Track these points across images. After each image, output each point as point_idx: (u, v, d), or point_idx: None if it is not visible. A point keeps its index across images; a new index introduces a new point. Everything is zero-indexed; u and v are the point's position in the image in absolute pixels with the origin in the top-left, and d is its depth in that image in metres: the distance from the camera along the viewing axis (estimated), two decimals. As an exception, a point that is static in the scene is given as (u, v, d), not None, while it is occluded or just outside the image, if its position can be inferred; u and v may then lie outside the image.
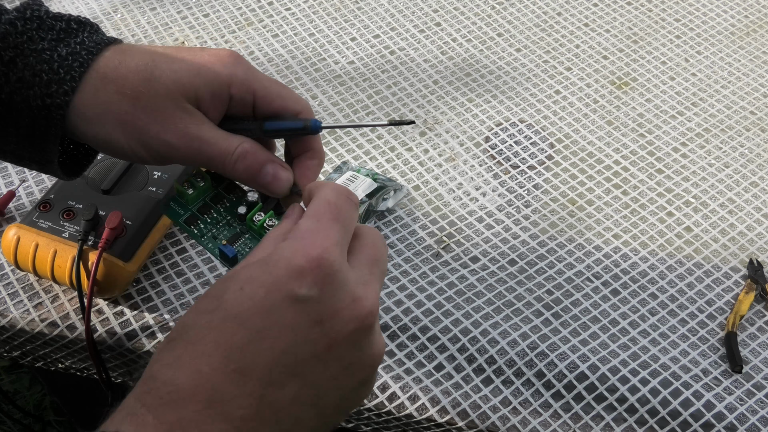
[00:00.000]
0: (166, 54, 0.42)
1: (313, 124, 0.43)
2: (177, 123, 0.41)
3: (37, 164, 0.43)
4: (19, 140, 0.42)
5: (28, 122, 0.40)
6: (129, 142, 0.41)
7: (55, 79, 0.40)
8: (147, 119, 0.40)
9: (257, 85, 0.42)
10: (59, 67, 0.40)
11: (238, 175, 0.42)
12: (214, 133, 0.42)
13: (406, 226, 0.68)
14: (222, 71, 0.41)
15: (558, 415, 0.56)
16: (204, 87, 0.41)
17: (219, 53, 0.42)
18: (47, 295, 0.62)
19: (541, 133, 0.76)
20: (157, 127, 0.41)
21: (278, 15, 0.88)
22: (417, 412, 0.56)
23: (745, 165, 0.74)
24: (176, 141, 0.41)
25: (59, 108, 0.40)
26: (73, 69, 0.40)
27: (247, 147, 0.42)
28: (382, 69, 0.82)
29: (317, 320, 0.34)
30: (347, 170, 0.69)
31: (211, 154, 0.41)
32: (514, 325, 0.61)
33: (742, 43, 0.86)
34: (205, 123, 0.42)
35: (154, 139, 0.41)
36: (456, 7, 0.90)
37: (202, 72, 0.41)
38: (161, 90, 0.40)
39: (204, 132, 0.41)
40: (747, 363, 0.59)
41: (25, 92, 0.40)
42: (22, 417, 1.23)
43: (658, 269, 0.65)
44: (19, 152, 0.43)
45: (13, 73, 0.40)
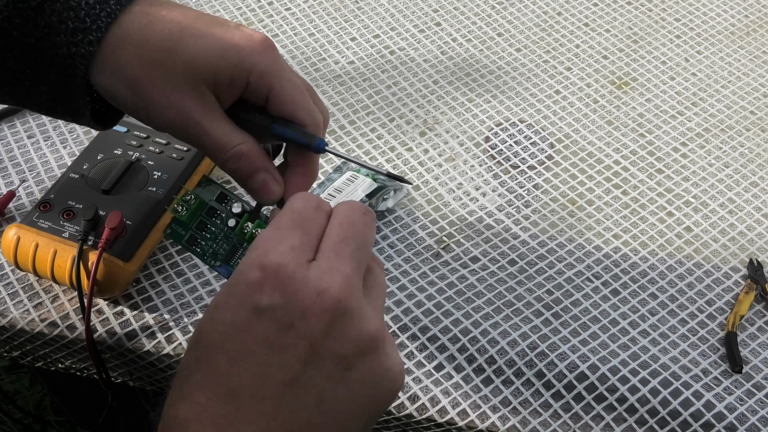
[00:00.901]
0: (195, 26, 0.40)
1: (317, 145, 0.41)
2: (184, 103, 0.40)
3: (70, 116, 0.43)
4: (50, 89, 0.41)
5: (56, 70, 0.40)
6: (135, 104, 0.41)
7: (81, 28, 0.38)
8: (157, 91, 0.40)
9: (276, 82, 0.40)
10: (86, 15, 0.39)
11: (228, 172, 0.42)
12: (216, 123, 0.41)
13: (406, 226, 0.68)
14: (247, 57, 0.40)
15: (558, 415, 0.56)
16: (225, 71, 0.40)
17: (252, 36, 0.41)
18: (47, 295, 0.62)
19: (541, 133, 0.76)
20: (165, 101, 0.40)
21: (278, 15, 0.88)
22: (417, 412, 0.56)
23: (745, 165, 0.74)
24: (178, 121, 0.40)
25: (83, 58, 0.39)
26: (100, 19, 0.39)
27: (244, 149, 0.41)
28: (382, 69, 0.82)
29: (287, 325, 0.33)
30: (347, 170, 0.69)
31: (206, 145, 0.41)
32: (514, 325, 0.61)
33: (742, 43, 0.86)
34: (212, 110, 0.41)
35: (158, 112, 0.40)
36: (456, 7, 0.90)
37: (228, 55, 0.40)
38: (180, 65, 0.39)
39: (207, 121, 0.40)
40: (747, 363, 0.59)
41: (53, 39, 0.39)
42: (22, 417, 1.23)
43: (658, 269, 0.65)
44: (52, 104, 0.42)
45: (41, 19, 0.38)
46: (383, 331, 0.35)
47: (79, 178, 0.63)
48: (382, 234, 0.67)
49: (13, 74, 0.41)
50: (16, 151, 0.72)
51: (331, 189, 0.67)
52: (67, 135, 0.73)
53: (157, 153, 0.65)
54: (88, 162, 0.64)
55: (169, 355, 0.59)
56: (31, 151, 0.72)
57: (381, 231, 0.67)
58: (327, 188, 0.67)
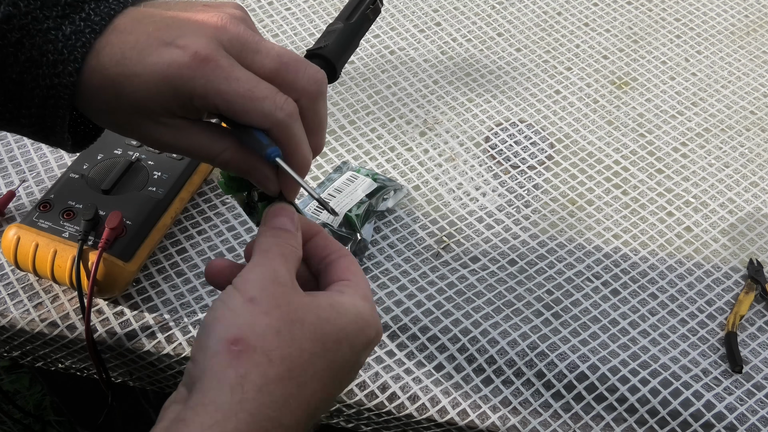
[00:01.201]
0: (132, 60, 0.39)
1: (267, 155, 0.40)
2: (153, 135, 0.41)
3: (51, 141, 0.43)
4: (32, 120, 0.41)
5: (39, 101, 0.40)
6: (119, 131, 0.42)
7: (61, 60, 0.39)
8: (127, 126, 0.41)
9: (218, 99, 0.38)
10: (63, 47, 0.39)
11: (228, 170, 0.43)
12: (194, 140, 0.41)
13: (406, 226, 0.68)
14: (180, 86, 0.38)
15: (558, 415, 0.56)
16: (169, 102, 0.39)
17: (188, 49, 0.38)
18: (47, 295, 0.62)
19: (541, 133, 0.76)
20: (137, 135, 0.41)
21: (278, 15, 0.88)
22: (417, 412, 0.56)
23: (745, 165, 0.74)
24: (159, 146, 0.42)
25: (66, 88, 0.39)
26: (76, 50, 0.39)
27: (227, 158, 0.41)
28: (382, 69, 0.82)
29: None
30: (347, 170, 0.69)
31: (197, 157, 0.42)
32: (514, 325, 0.61)
33: (742, 43, 0.86)
34: (182, 129, 0.40)
35: (140, 140, 0.42)
36: (456, 7, 0.90)
37: (162, 90, 0.39)
38: (130, 107, 0.40)
39: (182, 142, 0.41)
40: (747, 363, 0.59)
41: (34, 71, 0.39)
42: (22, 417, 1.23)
43: (658, 269, 0.65)
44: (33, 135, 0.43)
45: (21, 53, 0.39)
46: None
47: (79, 178, 0.63)
48: (382, 234, 0.67)
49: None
50: (16, 151, 0.72)
51: (331, 189, 0.67)
52: (67, 135, 0.73)
53: (157, 153, 0.65)
54: (88, 162, 0.64)
55: (169, 355, 0.59)
56: (31, 151, 0.72)
57: (381, 231, 0.67)
58: (327, 188, 0.67)
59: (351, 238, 0.64)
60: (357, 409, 0.57)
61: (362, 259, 0.64)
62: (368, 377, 0.57)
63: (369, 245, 0.66)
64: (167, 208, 0.63)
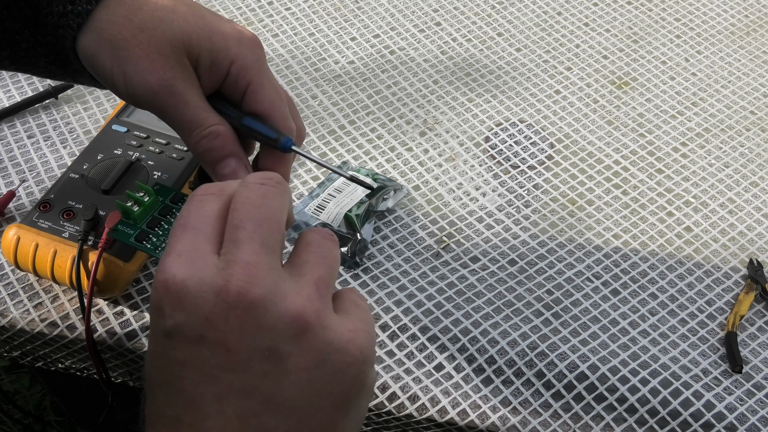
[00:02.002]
0: (189, 6, 0.40)
1: (284, 142, 0.40)
2: (166, 71, 0.39)
3: (71, 77, 0.42)
4: (48, 51, 0.40)
5: (51, 30, 0.39)
6: (113, 67, 0.39)
7: None
8: (140, 54, 0.39)
9: (256, 78, 0.40)
10: None
11: (199, 152, 0.40)
12: (195, 98, 0.40)
13: (406, 226, 0.68)
14: (233, 46, 0.39)
15: (558, 415, 0.56)
16: (208, 52, 0.39)
17: (243, 31, 0.40)
18: (47, 295, 0.62)
19: (541, 133, 0.76)
20: (147, 65, 0.39)
21: (278, 15, 0.88)
22: (417, 412, 0.56)
23: (745, 165, 0.74)
24: (157, 87, 0.39)
25: (78, 16, 0.38)
26: None
27: (221, 130, 0.40)
28: (382, 69, 0.82)
29: (197, 338, 0.31)
30: (347, 170, 0.69)
31: (183, 118, 0.40)
32: (514, 325, 0.61)
33: (742, 43, 0.86)
34: (193, 85, 0.40)
35: (137, 75, 0.39)
36: (456, 6, 0.90)
37: (214, 39, 0.39)
38: (168, 34, 0.39)
39: (187, 93, 0.39)
40: (747, 363, 0.59)
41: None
42: (22, 417, 1.23)
43: (658, 269, 0.65)
44: (51, 67, 0.42)
45: None
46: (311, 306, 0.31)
47: (79, 178, 0.63)
48: (382, 234, 0.67)
49: (11, 35, 0.40)
50: (16, 151, 0.72)
51: (331, 189, 0.67)
52: (67, 135, 0.73)
53: (157, 153, 0.65)
54: (88, 162, 0.64)
55: (169, 355, 0.59)
56: (31, 151, 0.72)
57: (381, 231, 0.67)
58: (327, 188, 0.67)
59: (351, 238, 0.64)
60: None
61: (362, 259, 0.64)
62: (368, 377, 0.57)
63: (369, 245, 0.66)
64: (167, 208, 0.63)
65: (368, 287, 0.63)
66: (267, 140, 0.41)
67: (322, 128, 0.75)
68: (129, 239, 0.43)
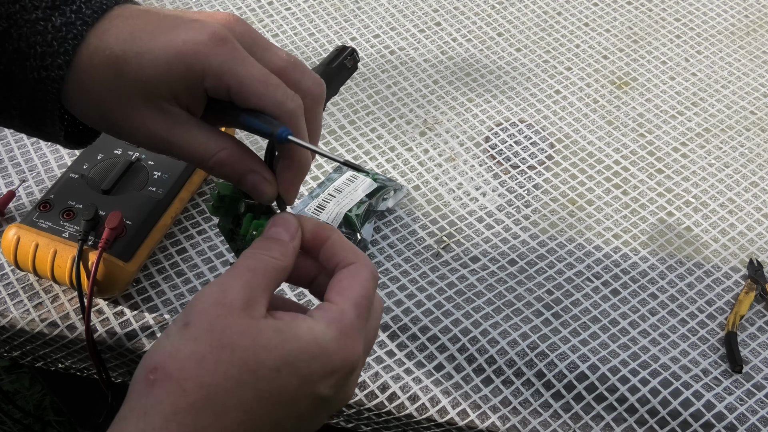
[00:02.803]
0: (140, 41, 0.38)
1: (279, 134, 0.39)
2: (147, 124, 0.38)
3: (43, 135, 0.42)
4: (21, 113, 0.40)
5: (27, 94, 0.39)
6: (108, 128, 0.40)
7: (50, 52, 0.38)
8: (119, 115, 0.39)
9: (233, 80, 0.38)
10: (53, 39, 0.38)
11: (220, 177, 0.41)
12: (188, 136, 0.39)
13: (406, 226, 0.68)
14: (195, 62, 0.37)
15: (558, 415, 0.56)
16: (177, 83, 0.38)
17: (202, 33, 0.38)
18: (47, 295, 0.62)
19: (541, 133, 0.76)
20: (128, 126, 0.39)
21: (278, 15, 0.88)
22: (417, 412, 0.56)
23: (745, 165, 0.74)
24: (146, 142, 0.39)
25: (54, 81, 0.38)
26: (67, 42, 0.38)
27: (224, 157, 0.39)
28: (382, 69, 0.82)
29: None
30: (347, 170, 0.69)
31: (185, 158, 0.40)
32: (514, 325, 0.61)
33: (742, 43, 0.86)
34: (179, 124, 0.39)
35: (129, 134, 0.39)
36: (456, 6, 0.90)
37: (173, 66, 0.37)
38: (132, 88, 0.38)
39: (175, 136, 0.39)
40: (747, 363, 0.59)
41: (22, 63, 0.38)
42: (22, 417, 1.23)
43: (658, 269, 0.65)
44: (24, 127, 0.41)
45: (8, 44, 0.38)
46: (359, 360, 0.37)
47: (79, 178, 0.63)
48: (382, 234, 0.67)
49: None
50: (16, 151, 0.72)
51: (331, 189, 0.67)
52: (67, 135, 0.73)
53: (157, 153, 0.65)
54: (88, 162, 0.64)
55: (169, 355, 0.59)
56: (31, 151, 0.72)
57: (381, 231, 0.67)
58: (327, 188, 0.67)
59: (351, 238, 0.64)
60: (357, 409, 0.57)
61: (362, 259, 0.64)
62: (368, 377, 0.57)
63: (369, 245, 0.66)
64: (167, 208, 0.63)
65: (368, 287, 0.63)
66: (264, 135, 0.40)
67: (322, 128, 0.75)
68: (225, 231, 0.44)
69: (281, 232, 0.39)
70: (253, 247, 0.38)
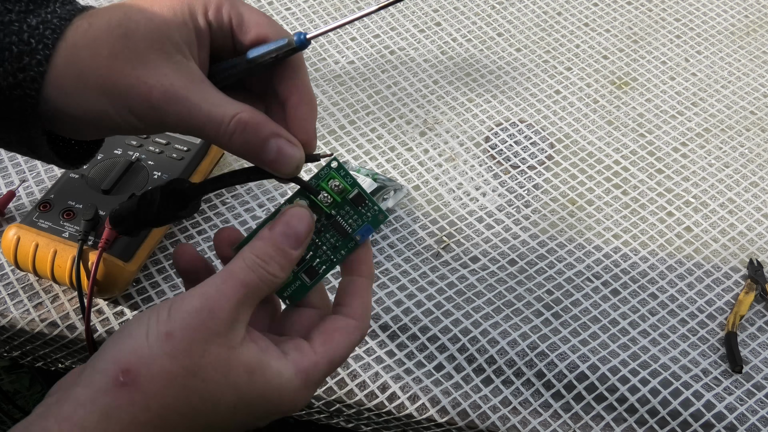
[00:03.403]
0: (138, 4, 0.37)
1: (297, 38, 0.37)
2: (163, 80, 0.35)
3: (27, 149, 0.39)
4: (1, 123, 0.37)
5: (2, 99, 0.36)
6: (117, 110, 0.36)
7: (27, 50, 0.36)
8: (130, 77, 0.36)
9: (233, 10, 0.37)
10: (30, 37, 0.36)
11: (236, 150, 0.37)
12: (206, 95, 0.36)
13: (406, 226, 0.68)
14: (197, 1, 0.37)
15: (558, 415, 0.56)
16: (184, 26, 0.36)
17: None
18: (47, 295, 0.62)
19: (541, 133, 0.76)
20: (143, 87, 0.36)
21: (278, 15, 0.88)
22: (417, 412, 0.56)
23: (745, 165, 0.74)
24: (163, 103, 0.36)
25: (33, 81, 0.36)
26: (45, 37, 0.36)
27: (246, 117, 0.36)
28: (382, 69, 0.82)
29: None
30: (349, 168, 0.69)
31: (201, 123, 0.36)
32: (514, 325, 0.61)
33: (742, 43, 0.86)
34: (196, 81, 0.36)
35: (141, 104, 0.36)
36: (456, 7, 0.90)
37: (178, 10, 0.36)
38: (141, 42, 0.36)
39: (194, 93, 0.36)
40: (747, 363, 0.59)
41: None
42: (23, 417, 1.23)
43: (658, 269, 0.65)
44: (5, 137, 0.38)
45: None
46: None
47: (79, 178, 0.63)
48: (382, 234, 0.67)
49: None
50: (16, 151, 0.72)
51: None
52: (67, 135, 0.73)
53: (157, 153, 0.65)
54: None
55: (169, 355, 0.59)
56: (31, 151, 0.72)
57: (381, 231, 0.67)
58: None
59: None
60: (357, 409, 0.57)
61: (362, 259, 0.64)
62: (368, 377, 0.57)
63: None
64: (167, 208, 0.63)
65: (368, 287, 0.63)
66: (283, 52, 0.38)
67: (322, 128, 0.75)
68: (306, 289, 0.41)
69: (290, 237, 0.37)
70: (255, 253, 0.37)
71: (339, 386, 0.57)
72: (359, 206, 0.40)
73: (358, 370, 0.58)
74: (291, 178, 0.39)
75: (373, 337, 0.60)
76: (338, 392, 0.57)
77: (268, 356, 0.36)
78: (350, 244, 0.41)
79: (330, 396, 0.57)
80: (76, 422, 0.33)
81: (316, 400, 0.57)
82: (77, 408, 0.34)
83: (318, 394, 0.57)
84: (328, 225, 0.40)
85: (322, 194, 0.40)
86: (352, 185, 0.40)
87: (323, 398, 0.57)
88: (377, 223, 0.41)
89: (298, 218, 0.38)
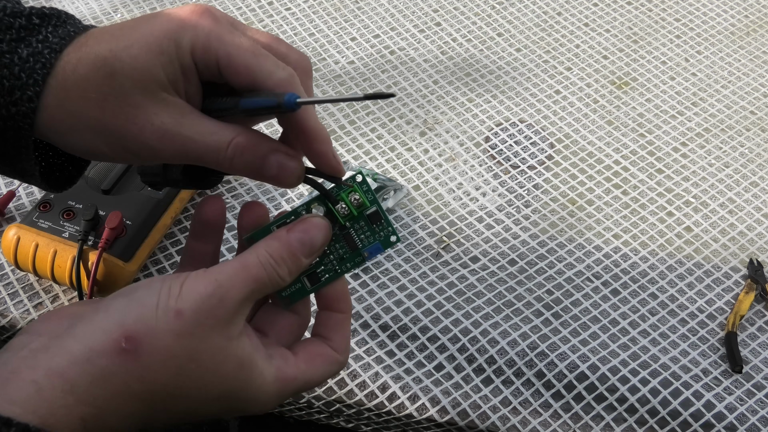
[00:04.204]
0: (124, 38, 0.36)
1: (287, 101, 0.35)
2: (152, 120, 0.36)
3: (18, 176, 0.40)
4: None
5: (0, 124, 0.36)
6: (112, 148, 0.37)
7: (18, 85, 0.36)
8: (120, 122, 0.36)
9: (221, 51, 0.36)
10: (20, 71, 0.36)
11: (239, 172, 0.37)
12: (197, 127, 0.36)
13: (406, 226, 0.68)
14: (182, 37, 0.36)
15: (558, 415, 0.56)
16: (170, 65, 0.36)
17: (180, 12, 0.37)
18: (47, 295, 0.62)
19: (541, 133, 0.76)
20: (134, 128, 0.36)
21: (278, 15, 0.88)
22: (417, 412, 0.56)
23: (745, 165, 0.74)
24: (157, 143, 0.36)
25: (25, 116, 0.36)
26: (36, 72, 0.36)
27: (242, 141, 0.36)
28: (382, 69, 0.82)
29: None
30: (347, 170, 0.69)
31: (199, 154, 0.36)
32: (514, 325, 0.61)
33: (742, 43, 0.86)
34: (185, 114, 0.36)
35: (135, 144, 0.36)
36: (456, 7, 0.90)
37: (164, 46, 0.36)
38: (127, 84, 0.35)
39: (185, 128, 0.36)
40: (747, 363, 0.59)
41: None
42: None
43: (658, 269, 0.65)
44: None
45: None
46: None
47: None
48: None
49: None
50: (16, 151, 0.72)
51: (331, 189, 0.67)
52: (67, 135, 0.73)
53: (157, 153, 0.65)
54: (88, 162, 0.64)
55: (169, 355, 0.59)
56: (31, 151, 0.72)
57: (381, 231, 0.67)
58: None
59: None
60: (357, 409, 0.57)
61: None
62: (368, 377, 0.57)
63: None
64: (167, 208, 0.63)
65: (368, 287, 0.63)
66: (272, 110, 0.37)
67: (322, 128, 0.76)
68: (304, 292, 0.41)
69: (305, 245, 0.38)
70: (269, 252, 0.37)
71: (339, 386, 0.57)
72: (374, 224, 0.40)
73: (358, 370, 0.58)
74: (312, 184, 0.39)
75: (373, 337, 0.60)
76: (338, 392, 0.57)
77: (257, 355, 0.37)
78: (357, 259, 0.41)
79: (330, 396, 0.57)
80: (68, 380, 0.32)
81: (316, 400, 0.57)
82: (71, 365, 0.33)
83: (318, 394, 0.57)
84: (340, 236, 0.40)
85: (340, 204, 0.40)
86: (371, 202, 0.40)
87: (323, 398, 0.57)
88: (388, 244, 0.41)
89: (318, 228, 0.38)
